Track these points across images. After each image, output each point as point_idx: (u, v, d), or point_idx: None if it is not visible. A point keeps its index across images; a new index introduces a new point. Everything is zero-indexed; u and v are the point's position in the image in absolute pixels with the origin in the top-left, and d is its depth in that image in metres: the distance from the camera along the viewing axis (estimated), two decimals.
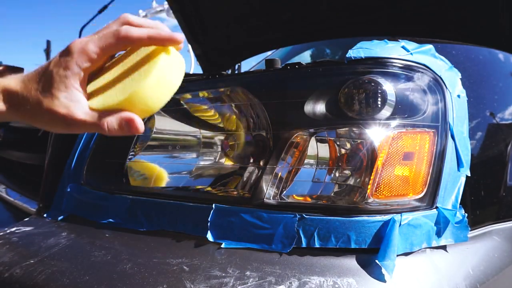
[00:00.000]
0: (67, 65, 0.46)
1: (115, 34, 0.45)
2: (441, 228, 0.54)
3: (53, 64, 0.46)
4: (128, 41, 0.46)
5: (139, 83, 0.45)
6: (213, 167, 0.63)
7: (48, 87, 0.45)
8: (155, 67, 0.46)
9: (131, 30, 0.45)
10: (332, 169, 0.54)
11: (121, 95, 0.45)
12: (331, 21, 1.70)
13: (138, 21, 0.49)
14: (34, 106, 0.46)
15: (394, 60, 0.56)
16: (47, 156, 0.79)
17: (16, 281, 0.54)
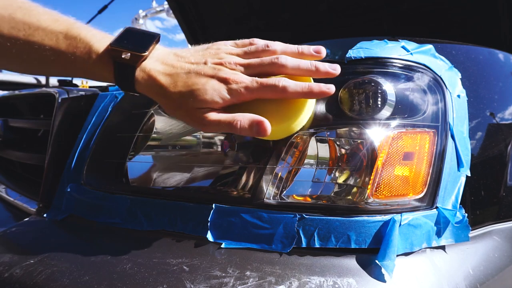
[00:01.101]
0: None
1: (273, 86, 0.49)
2: (441, 228, 0.54)
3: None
4: (282, 96, 0.50)
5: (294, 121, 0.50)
6: (213, 167, 0.63)
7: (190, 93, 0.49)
8: (308, 108, 0.51)
9: (289, 85, 0.49)
10: (332, 169, 0.54)
11: (278, 124, 0.50)
12: (331, 21, 1.70)
13: (293, 63, 0.51)
14: (177, 105, 0.50)
15: (394, 60, 0.56)
16: (47, 156, 0.79)
17: (16, 281, 0.54)
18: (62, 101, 0.82)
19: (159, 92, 0.50)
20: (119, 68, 0.50)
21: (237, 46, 0.55)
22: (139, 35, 0.52)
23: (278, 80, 0.49)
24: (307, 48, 0.53)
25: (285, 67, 0.50)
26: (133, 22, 8.43)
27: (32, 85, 4.89)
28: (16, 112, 1.17)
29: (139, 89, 0.51)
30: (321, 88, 0.49)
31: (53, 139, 0.80)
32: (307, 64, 0.50)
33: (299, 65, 0.50)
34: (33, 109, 1.12)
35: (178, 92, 0.49)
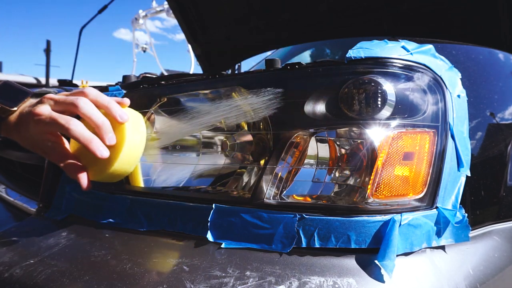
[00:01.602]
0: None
1: (61, 124, 0.55)
2: (441, 228, 0.54)
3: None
4: (68, 134, 0.56)
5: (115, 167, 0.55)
6: (213, 167, 0.63)
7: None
8: (121, 151, 0.55)
9: (76, 128, 0.55)
10: (332, 169, 0.54)
11: (105, 171, 0.56)
12: (331, 21, 1.70)
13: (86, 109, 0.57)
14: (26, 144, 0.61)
15: (394, 60, 0.56)
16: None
17: (16, 281, 0.54)
18: None
19: (15, 137, 0.61)
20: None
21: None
22: (15, 91, 0.62)
23: (67, 119, 0.55)
24: (114, 109, 0.57)
25: (77, 108, 0.55)
26: (133, 22, 8.43)
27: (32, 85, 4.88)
28: None
29: (2, 133, 0.61)
30: (94, 149, 0.54)
31: None
32: (96, 117, 0.55)
33: (91, 114, 0.55)
34: None
35: (22, 132, 0.59)
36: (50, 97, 0.57)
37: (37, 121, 0.56)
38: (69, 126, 0.54)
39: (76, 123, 0.55)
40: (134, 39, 8.95)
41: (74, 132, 0.54)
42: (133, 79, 0.96)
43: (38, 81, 5.00)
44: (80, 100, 0.55)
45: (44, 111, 0.56)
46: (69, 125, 0.54)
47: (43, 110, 0.56)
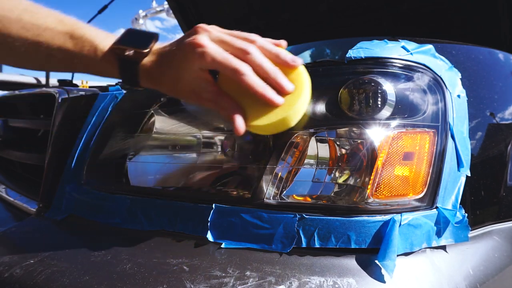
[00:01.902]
0: None
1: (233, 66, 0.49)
2: (441, 228, 0.54)
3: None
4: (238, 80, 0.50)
5: (289, 113, 0.50)
6: (213, 167, 0.63)
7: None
8: (301, 97, 0.51)
9: (249, 76, 0.49)
10: (332, 169, 0.54)
11: (273, 119, 0.50)
12: (331, 21, 1.70)
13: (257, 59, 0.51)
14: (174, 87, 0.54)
15: (394, 60, 0.56)
16: (47, 156, 0.79)
17: (16, 281, 0.54)
18: (62, 101, 0.82)
19: (158, 82, 0.54)
20: (123, 65, 0.54)
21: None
22: (140, 34, 0.56)
23: (242, 64, 0.49)
24: (285, 55, 0.52)
25: (249, 55, 0.50)
26: (133, 22, 8.43)
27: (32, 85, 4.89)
28: (16, 112, 1.17)
29: (142, 83, 0.55)
30: (271, 97, 0.49)
31: (53, 139, 0.80)
32: (268, 68, 0.50)
33: (261, 63, 0.50)
34: (33, 109, 1.12)
35: (168, 77, 0.53)
36: (211, 30, 0.51)
37: (200, 54, 0.49)
38: (244, 71, 0.49)
39: (250, 69, 0.49)
40: None
41: (249, 78, 0.49)
42: None
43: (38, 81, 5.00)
44: (251, 47, 0.50)
45: (209, 44, 0.49)
46: (244, 71, 0.49)
47: (207, 43, 0.49)
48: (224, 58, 0.49)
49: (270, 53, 0.52)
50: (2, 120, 1.10)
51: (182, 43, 0.51)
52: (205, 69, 0.51)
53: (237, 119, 0.50)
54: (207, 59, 0.49)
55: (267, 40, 0.54)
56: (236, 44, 0.50)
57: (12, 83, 4.81)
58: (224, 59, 0.49)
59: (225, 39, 0.51)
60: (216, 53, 0.49)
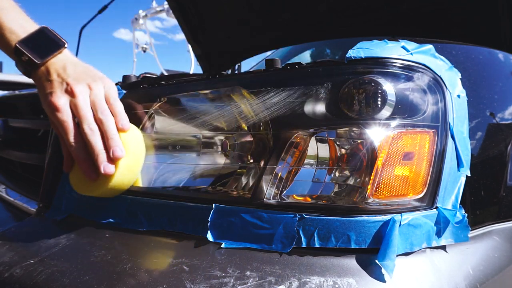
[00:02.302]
0: None
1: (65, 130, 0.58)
2: (441, 228, 0.54)
3: None
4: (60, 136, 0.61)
5: (105, 189, 0.58)
6: (213, 167, 0.63)
7: None
8: (113, 180, 0.57)
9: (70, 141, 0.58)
10: (332, 169, 0.54)
11: (95, 192, 0.59)
12: (331, 21, 1.70)
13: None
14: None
15: (394, 60, 0.56)
16: (47, 156, 0.79)
17: (16, 281, 0.54)
18: None
19: (39, 92, 0.61)
20: (19, 62, 0.60)
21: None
22: (47, 40, 0.61)
23: (75, 139, 0.57)
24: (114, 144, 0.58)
25: (85, 135, 0.57)
26: (133, 22, 8.43)
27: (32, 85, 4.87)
28: (16, 112, 1.17)
29: (33, 80, 0.62)
30: (87, 172, 0.58)
31: (53, 139, 0.80)
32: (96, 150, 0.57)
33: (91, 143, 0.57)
34: (33, 109, 1.12)
35: (40, 93, 0.60)
36: (76, 93, 0.57)
37: (52, 114, 0.57)
38: (74, 145, 0.57)
39: (80, 146, 0.57)
40: (134, 39, 8.95)
41: (76, 152, 0.57)
42: (133, 79, 0.96)
43: None
44: (92, 130, 0.57)
45: (62, 109, 0.57)
46: (74, 145, 0.57)
47: (61, 107, 0.57)
48: (64, 128, 0.57)
49: (106, 134, 0.58)
50: (2, 120, 1.10)
51: (50, 92, 0.58)
52: None
53: (67, 160, 0.62)
54: (53, 119, 0.58)
55: (118, 118, 0.60)
56: (83, 120, 0.57)
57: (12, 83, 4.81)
58: (63, 128, 0.57)
59: (79, 111, 0.57)
60: (61, 121, 0.57)
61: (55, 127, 0.60)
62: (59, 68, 0.59)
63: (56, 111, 0.56)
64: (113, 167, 0.56)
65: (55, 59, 0.60)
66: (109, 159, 0.56)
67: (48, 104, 0.57)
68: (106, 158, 0.56)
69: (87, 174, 0.57)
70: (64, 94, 0.58)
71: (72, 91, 0.57)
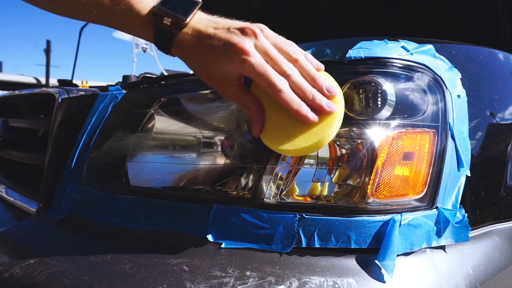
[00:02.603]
0: None
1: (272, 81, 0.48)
2: (441, 228, 0.54)
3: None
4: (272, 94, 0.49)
5: (324, 135, 0.49)
6: (213, 167, 0.63)
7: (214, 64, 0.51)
8: (335, 122, 0.50)
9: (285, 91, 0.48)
10: (332, 169, 0.54)
11: (308, 142, 0.50)
12: (331, 21, 1.70)
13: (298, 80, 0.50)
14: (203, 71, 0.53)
15: (394, 60, 0.56)
16: (47, 156, 0.79)
17: (16, 281, 0.54)
18: (62, 101, 0.82)
19: (189, 58, 0.53)
20: (158, 32, 0.51)
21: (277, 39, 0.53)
22: (183, 0, 0.53)
23: (279, 81, 0.48)
24: (322, 81, 0.51)
25: (289, 77, 0.49)
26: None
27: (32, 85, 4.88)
28: (16, 112, 1.17)
29: (174, 52, 0.53)
30: (307, 114, 0.49)
31: (53, 139, 0.80)
32: (306, 89, 0.50)
33: (300, 85, 0.49)
34: (33, 109, 1.12)
35: (201, 59, 0.51)
36: (260, 35, 0.49)
37: (242, 61, 0.48)
38: (281, 87, 0.48)
39: (287, 86, 0.48)
40: (134, 39, 8.95)
41: (285, 95, 0.48)
42: (133, 79, 0.97)
43: (38, 81, 5.00)
44: (292, 69, 0.49)
45: (253, 53, 0.48)
46: (281, 87, 0.48)
47: (252, 51, 0.48)
48: (263, 72, 0.48)
49: (308, 75, 0.51)
50: (2, 120, 1.10)
51: (228, 41, 0.48)
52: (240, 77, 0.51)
53: (258, 120, 0.51)
54: (246, 69, 0.48)
55: (309, 59, 0.53)
56: (279, 62, 0.49)
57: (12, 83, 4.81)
58: (263, 72, 0.48)
59: (270, 54, 0.49)
60: (257, 65, 0.47)
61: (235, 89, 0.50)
62: (208, 22, 0.51)
63: (248, 55, 0.47)
64: (335, 105, 0.49)
65: (197, 17, 0.52)
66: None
67: (234, 54, 0.47)
68: (323, 96, 0.49)
69: (308, 118, 0.49)
70: (245, 38, 0.48)
71: (253, 32, 0.48)
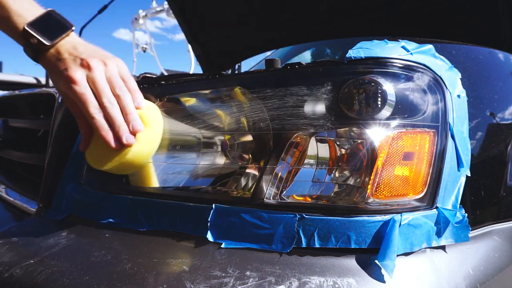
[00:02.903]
0: None
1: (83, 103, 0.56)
2: (441, 228, 0.54)
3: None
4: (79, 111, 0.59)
5: (122, 161, 0.57)
6: (213, 167, 0.63)
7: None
8: (132, 152, 0.57)
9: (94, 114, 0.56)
10: (332, 169, 0.54)
11: (113, 164, 0.57)
12: (331, 21, 1.70)
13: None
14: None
15: (394, 60, 0.56)
16: (47, 156, 0.79)
17: (16, 281, 0.54)
18: (62, 101, 0.82)
19: (48, 71, 0.60)
20: (27, 46, 0.59)
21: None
22: (55, 22, 0.61)
23: (96, 108, 0.56)
24: (131, 119, 0.58)
25: (104, 108, 0.56)
26: (133, 22, 8.43)
27: (32, 85, 4.88)
28: (16, 112, 1.17)
29: (41, 63, 0.61)
30: (110, 140, 0.56)
31: (53, 139, 0.80)
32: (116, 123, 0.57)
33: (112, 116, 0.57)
34: (33, 109, 1.12)
35: (52, 76, 0.60)
36: (94, 68, 0.57)
37: (69, 86, 0.56)
38: (95, 116, 0.56)
39: (101, 116, 0.56)
40: (134, 39, 8.94)
41: (96, 122, 0.56)
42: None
43: (38, 81, 5.00)
44: (111, 104, 0.57)
45: (79, 82, 0.56)
46: (95, 116, 0.56)
47: (79, 80, 0.56)
48: (82, 100, 0.56)
49: (124, 110, 0.58)
50: (2, 120, 1.10)
51: (65, 68, 0.57)
52: None
53: (85, 139, 0.60)
54: (71, 93, 0.56)
55: (135, 96, 0.60)
56: (101, 94, 0.56)
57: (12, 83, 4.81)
58: (82, 100, 0.56)
59: (96, 85, 0.57)
60: (78, 93, 0.55)
61: (72, 105, 0.59)
62: (69, 48, 0.59)
63: (74, 83, 0.55)
64: (134, 138, 0.57)
65: (64, 41, 0.59)
66: (129, 132, 0.57)
67: (64, 79, 0.56)
68: (127, 130, 0.56)
69: (110, 143, 0.56)
70: (80, 68, 0.57)
71: (88, 64, 0.57)
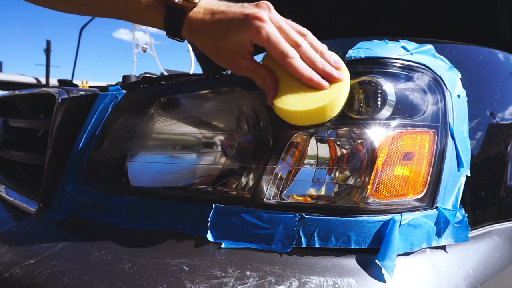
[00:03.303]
0: None
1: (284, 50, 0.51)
2: (441, 228, 0.54)
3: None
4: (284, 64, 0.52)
5: (335, 96, 0.51)
6: (213, 167, 0.63)
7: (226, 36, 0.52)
8: (344, 87, 0.52)
9: (296, 61, 0.52)
10: (332, 169, 0.54)
11: (319, 103, 0.51)
12: (330, 21, 1.70)
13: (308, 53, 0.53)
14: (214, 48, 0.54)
15: (394, 60, 0.56)
16: (47, 156, 0.79)
17: (16, 281, 0.54)
18: (62, 101, 0.82)
19: (201, 36, 0.53)
20: (170, 13, 0.52)
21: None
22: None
23: (291, 49, 0.51)
24: (329, 55, 0.54)
25: (300, 48, 0.52)
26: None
27: (32, 85, 4.88)
28: (16, 112, 1.17)
29: (184, 34, 0.54)
30: (318, 80, 0.51)
31: (53, 139, 0.80)
32: (316, 59, 0.52)
33: (310, 55, 0.52)
34: (33, 109, 1.12)
35: (215, 33, 0.52)
36: (272, 10, 0.52)
37: (258, 28, 0.49)
38: (292, 55, 0.50)
39: (298, 55, 0.51)
40: (134, 39, 8.94)
41: (296, 62, 0.51)
42: (133, 79, 0.96)
43: (38, 81, 5.01)
44: (302, 41, 0.52)
45: (269, 22, 0.50)
46: (292, 54, 0.50)
47: (268, 20, 0.50)
48: (278, 40, 0.50)
49: (316, 49, 0.54)
50: (2, 120, 1.10)
51: (243, 11, 0.50)
52: (253, 42, 0.52)
53: (273, 88, 0.52)
54: (262, 36, 0.50)
55: (315, 37, 0.55)
56: (290, 34, 0.52)
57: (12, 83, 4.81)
58: (277, 40, 0.50)
59: (282, 26, 0.52)
60: (272, 32, 0.50)
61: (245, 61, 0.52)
62: (218, 3, 0.53)
63: (264, 22, 0.49)
64: (342, 73, 0.53)
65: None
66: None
67: (252, 19, 0.49)
68: (333, 68, 0.52)
69: (320, 83, 0.51)
70: (259, 9, 0.51)
71: (266, 5, 0.51)
